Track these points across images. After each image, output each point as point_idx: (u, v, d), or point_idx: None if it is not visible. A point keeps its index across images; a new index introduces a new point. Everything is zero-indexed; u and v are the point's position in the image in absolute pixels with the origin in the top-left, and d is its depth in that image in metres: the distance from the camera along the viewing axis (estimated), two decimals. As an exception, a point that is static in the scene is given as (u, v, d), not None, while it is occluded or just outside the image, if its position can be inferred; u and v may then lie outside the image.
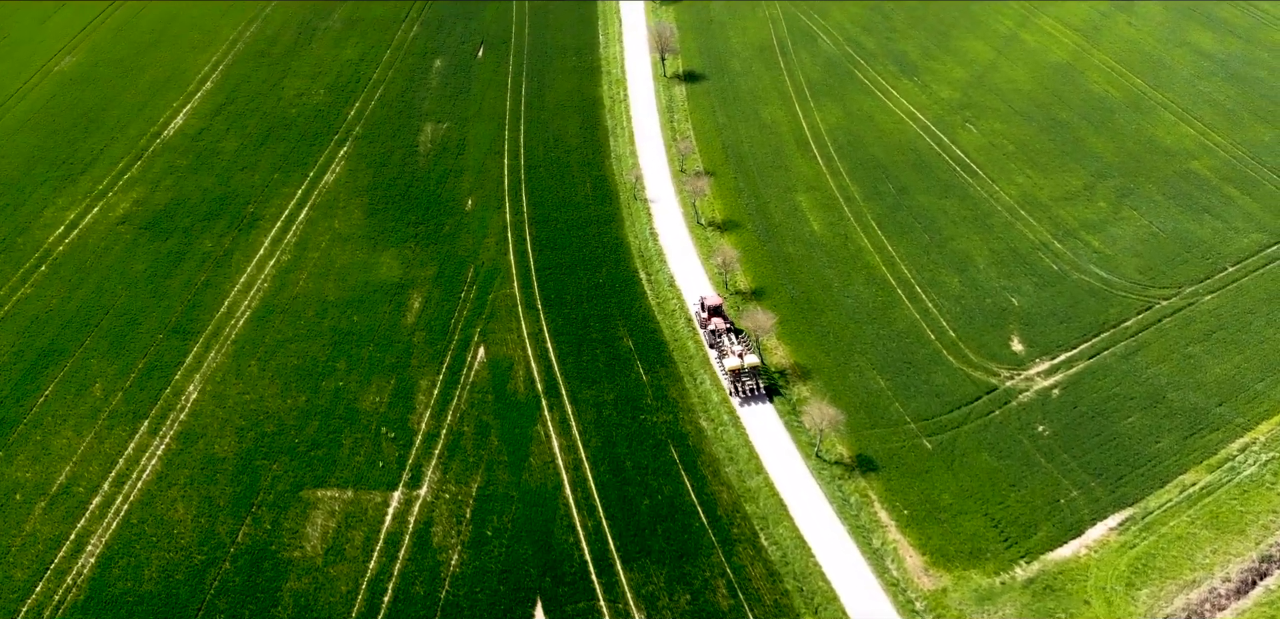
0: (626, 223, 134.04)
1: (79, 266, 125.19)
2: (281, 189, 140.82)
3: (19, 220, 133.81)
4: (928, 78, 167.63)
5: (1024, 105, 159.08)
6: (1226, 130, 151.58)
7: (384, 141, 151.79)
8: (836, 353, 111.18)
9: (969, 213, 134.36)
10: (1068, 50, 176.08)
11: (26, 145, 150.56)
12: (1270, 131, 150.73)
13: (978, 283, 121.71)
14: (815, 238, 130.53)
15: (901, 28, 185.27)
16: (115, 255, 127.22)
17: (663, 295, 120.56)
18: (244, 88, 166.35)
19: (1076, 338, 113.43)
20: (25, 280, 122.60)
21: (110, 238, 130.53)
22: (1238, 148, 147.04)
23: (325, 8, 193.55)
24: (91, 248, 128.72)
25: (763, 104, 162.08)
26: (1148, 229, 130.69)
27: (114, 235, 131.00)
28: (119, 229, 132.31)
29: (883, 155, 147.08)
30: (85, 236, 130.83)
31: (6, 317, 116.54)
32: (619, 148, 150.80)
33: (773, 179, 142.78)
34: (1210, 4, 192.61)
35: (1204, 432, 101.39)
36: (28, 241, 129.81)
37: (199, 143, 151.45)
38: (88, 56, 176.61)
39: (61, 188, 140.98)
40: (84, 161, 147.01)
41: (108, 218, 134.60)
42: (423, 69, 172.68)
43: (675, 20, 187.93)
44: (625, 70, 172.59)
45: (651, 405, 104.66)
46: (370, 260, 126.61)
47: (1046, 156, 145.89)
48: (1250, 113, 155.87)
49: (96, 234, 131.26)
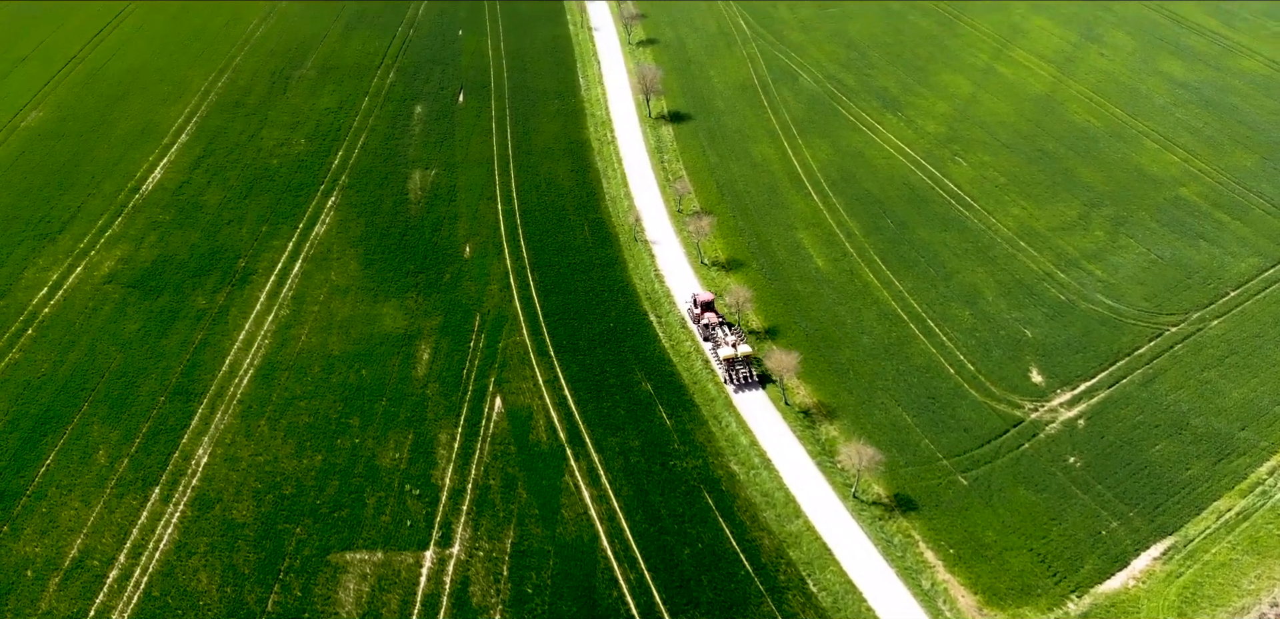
0: (630, 265, 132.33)
1: (67, 328, 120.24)
2: (271, 242, 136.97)
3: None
4: (911, 112, 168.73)
5: (1010, 137, 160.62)
6: (1209, 157, 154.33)
7: (372, 190, 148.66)
8: (859, 391, 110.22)
9: (970, 245, 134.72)
10: (1045, 82, 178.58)
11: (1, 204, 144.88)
12: (1251, 157, 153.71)
13: (989, 315, 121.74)
14: (821, 274, 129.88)
15: (879, 64, 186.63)
16: (105, 316, 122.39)
17: (676, 337, 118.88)
18: (221, 139, 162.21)
19: (1093, 367, 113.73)
20: (12, 345, 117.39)
21: (98, 298, 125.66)
22: (1222, 174, 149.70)
23: (296, 57, 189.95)
24: (79, 309, 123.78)
25: (751, 142, 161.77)
26: (1147, 256, 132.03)
27: (101, 295, 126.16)
28: (106, 288, 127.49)
29: (877, 190, 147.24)
30: (71, 297, 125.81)
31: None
32: (613, 189, 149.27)
33: (771, 217, 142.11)
34: (1176, 32, 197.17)
35: (1231, 457, 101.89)
36: (10, 304, 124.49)
37: (180, 197, 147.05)
38: (55, 112, 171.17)
39: (40, 247, 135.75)
40: (61, 219, 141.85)
41: (93, 277, 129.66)
42: (404, 115, 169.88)
43: (654, 60, 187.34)
44: (610, 112, 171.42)
45: (680, 451, 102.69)
46: (372, 312, 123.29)
47: (1038, 187, 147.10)
48: (1229, 139, 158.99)
49: (82, 294, 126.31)
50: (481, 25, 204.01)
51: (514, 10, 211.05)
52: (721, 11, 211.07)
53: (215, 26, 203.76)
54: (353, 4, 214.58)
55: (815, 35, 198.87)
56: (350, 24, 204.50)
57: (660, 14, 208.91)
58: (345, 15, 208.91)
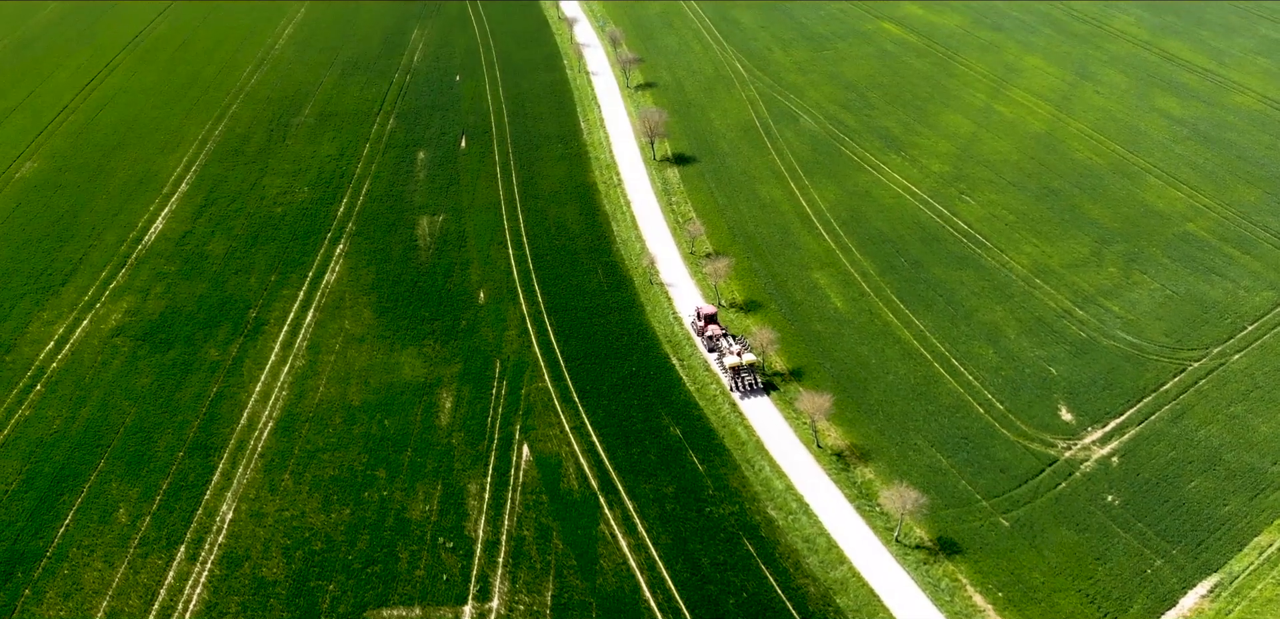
0: (647, 309, 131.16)
1: (77, 384, 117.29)
2: (281, 291, 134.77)
3: (3, 338, 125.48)
4: (914, 152, 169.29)
5: (1014, 175, 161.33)
6: (1212, 192, 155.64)
7: (381, 237, 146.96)
8: (891, 433, 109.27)
9: (986, 284, 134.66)
10: (1044, 120, 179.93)
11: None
12: (1254, 191, 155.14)
13: (1012, 353, 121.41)
14: (840, 315, 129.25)
15: (878, 105, 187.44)
16: (115, 370, 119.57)
17: (700, 380, 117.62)
18: (222, 188, 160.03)
19: (1121, 404, 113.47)
20: (22, 402, 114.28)
21: (107, 351, 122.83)
22: (1227, 209, 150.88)
23: (293, 105, 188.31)
24: (88, 363, 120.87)
25: (758, 183, 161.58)
26: (1162, 293, 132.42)
27: (110, 349, 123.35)
28: (114, 342, 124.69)
29: (888, 229, 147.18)
30: (79, 351, 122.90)
31: (8, 442, 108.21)
32: (623, 232, 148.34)
33: (785, 258, 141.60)
34: (1169, 70, 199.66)
35: (1267, 491, 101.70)
36: (17, 360, 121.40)
37: (185, 247, 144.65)
38: (50, 162, 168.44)
39: (44, 300, 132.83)
40: (63, 272, 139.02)
41: (100, 330, 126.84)
42: (407, 162, 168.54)
43: (654, 103, 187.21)
44: (614, 155, 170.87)
45: (715, 497, 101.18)
46: (390, 361, 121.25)
47: (1048, 225, 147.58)
48: (1231, 174, 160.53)
49: (91, 348, 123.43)
50: (478, 71, 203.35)
51: (510, 56, 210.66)
52: (717, 55, 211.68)
53: (207, 75, 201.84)
54: (346, 51, 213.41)
55: (812, 77, 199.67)
56: (345, 71, 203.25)
57: (657, 58, 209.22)
58: (339, 62, 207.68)
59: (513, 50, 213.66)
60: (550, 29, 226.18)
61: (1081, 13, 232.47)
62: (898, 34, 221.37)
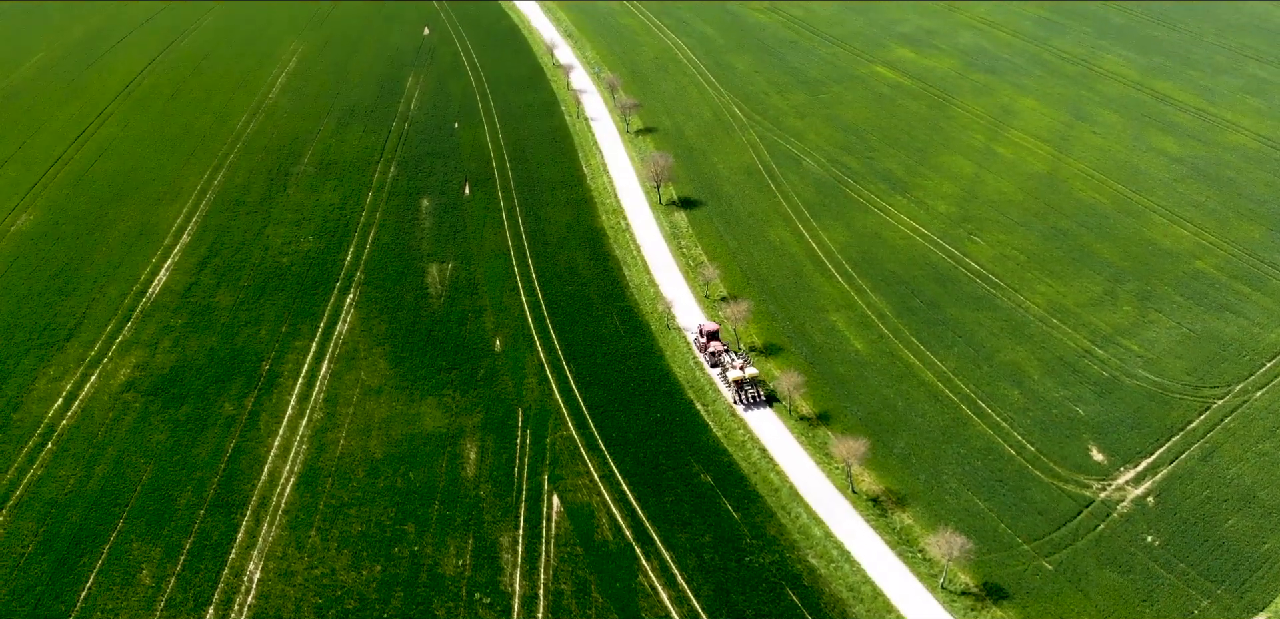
0: (667, 354, 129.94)
1: (90, 441, 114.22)
2: (293, 343, 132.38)
3: (9, 395, 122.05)
4: (919, 193, 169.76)
5: (1021, 215, 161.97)
6: (1217, 230, 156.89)
7: (390, 286, 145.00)
8: (925, 476, 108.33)
9: (1003, 324, 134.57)
10: (1044, 161, 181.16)
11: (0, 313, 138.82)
12: (1258, 229, 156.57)
13: (1037, 394, 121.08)
14: (862, 357, 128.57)
15: (879, 148, 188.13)
16: (127, 426, 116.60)
17: (727, 426, 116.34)
18: (225, 239, 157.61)
19: (1150, 443, 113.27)
20: (32, 461, 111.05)
21: (117, 408, 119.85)
22: (1233, 246, 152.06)
23: (292, 154, 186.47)
24: (98, 420, 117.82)
25: (767, 226, 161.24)
26: (1178, 331, 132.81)
27: (121, 405, 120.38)
28: (125, 397, 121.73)
29: (901, 271, 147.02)
30: (89, 408, 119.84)
31: (22, 503, 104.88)
32: (635, 277, 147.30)
33: (801, 300, 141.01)
34: (1162, 109, 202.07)
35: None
36: (26, 417, 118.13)
37: (191, 300, 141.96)
38: (46, 214, 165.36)
39: (49, 356, 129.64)
40: (67, 326, 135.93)
41: (109, 386, 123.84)
42: (412, 209, 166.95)
43: (655, 148, 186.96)
44: (620, 201, 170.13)
45: (753, 546, 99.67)
46: (410, 411, 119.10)
47: (1059, 265, 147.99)
48: (1233, 212, 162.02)
49: (101, 405, 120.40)
50: (477, 118, 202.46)
51: (507, 102, 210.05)
52: (714, 100, 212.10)
53: (202, 125, 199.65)
54: (342, 100, 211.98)
55: (811, 121, 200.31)
56: (342, 119, 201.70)
57: (655, 103, 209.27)
58: (335, 111, 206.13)
59: (510, 96, 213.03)
60: (546, 76, 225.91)
61: (1070, 55, 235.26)
62: (892, 77, 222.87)
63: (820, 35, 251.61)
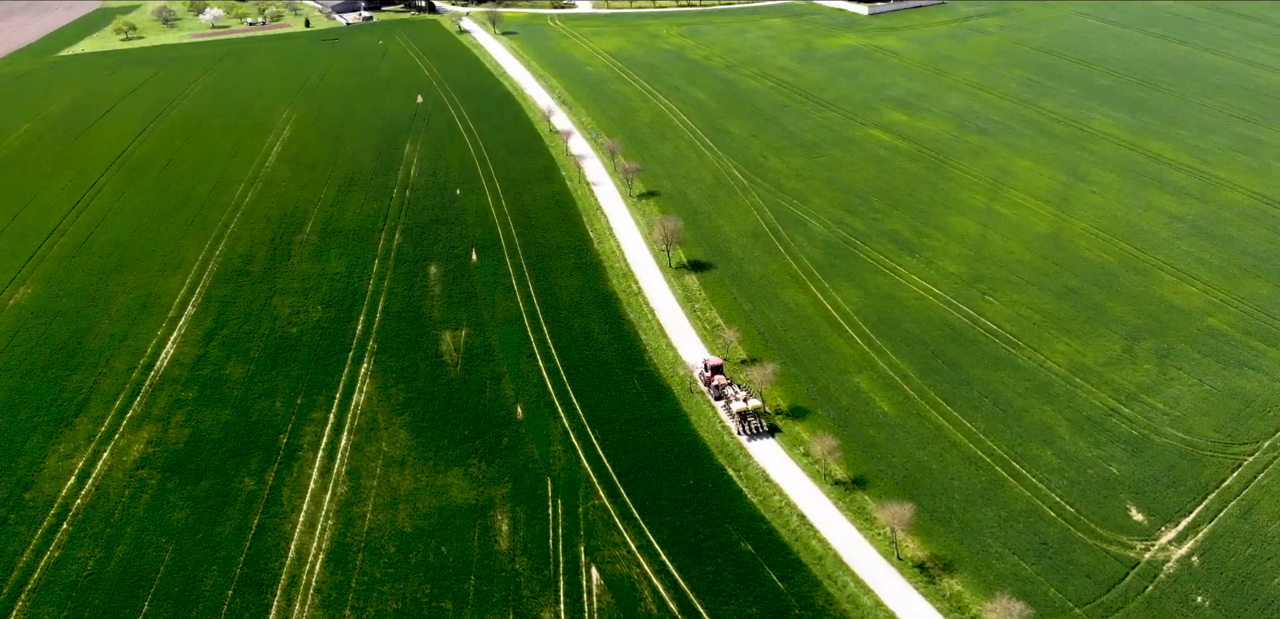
0: (692, 418, 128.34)
1: (106, 521, 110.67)
2: (310, 415, 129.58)
3: (20, 474, 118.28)
4: (928, 254, 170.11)
5: (1031, 275, 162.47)
6: (1225, 287, 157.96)
7: (405, 354, 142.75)
8: (968, 540, 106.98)
9: (1027, 384, 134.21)
10: (1047, 221, 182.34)
11: (3, 389, 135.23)
12: (1265, 285, 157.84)
13: (1070, 454, 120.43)
14: (890, 419, 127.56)
15: (882, 208, 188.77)
16: (145, 505, 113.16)
17: (763, 493, 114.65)
18: (232, 310, 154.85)
19: (1188, 502, 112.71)
20: (49, 542, 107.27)
21: (133, 485, 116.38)
22: (1243, 303, 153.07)
23: (293, 223, 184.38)
24: (114, 498, 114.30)
25: (779, 288, 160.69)
26: (1200, 388, 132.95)
27: (137, 482, 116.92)
28: (140, 474, 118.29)
29: (919, 332, 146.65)
30: (103, 486, 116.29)
31: (40, 586, 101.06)
32: (652, 341, 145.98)
33: (822, 362, 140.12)
34: (1157, 168, 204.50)
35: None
36: (38, 497, 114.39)
37: (201, 372, 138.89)
38: (45, 286, 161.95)
39: (58, 433, 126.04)
40: (75, 402, 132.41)
41: (123, 462, 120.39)
42: (420, 277, 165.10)
43: (659, 211, 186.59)
44: (630, 264, 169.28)
45: (803, 617, 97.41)
46: (436, 483, 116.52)
47: (1075, 323, 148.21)
48: (1238, 269, 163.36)
49: (115, 482, 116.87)
50: (478, 185, 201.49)
51: (507, 168, 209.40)
52: (713, 163, 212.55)
53: (200, 195, 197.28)
54: (340, 167, 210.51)
55: (811, 183, 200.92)
56: (342, 188, 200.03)
57: (656, 167, 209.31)
58: (335, 178, 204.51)
59: (509, 162, 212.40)
60: (543, 141, 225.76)
61: (1060, 116, 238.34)
62: (887, 140, 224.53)
63: (811, 100, 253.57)
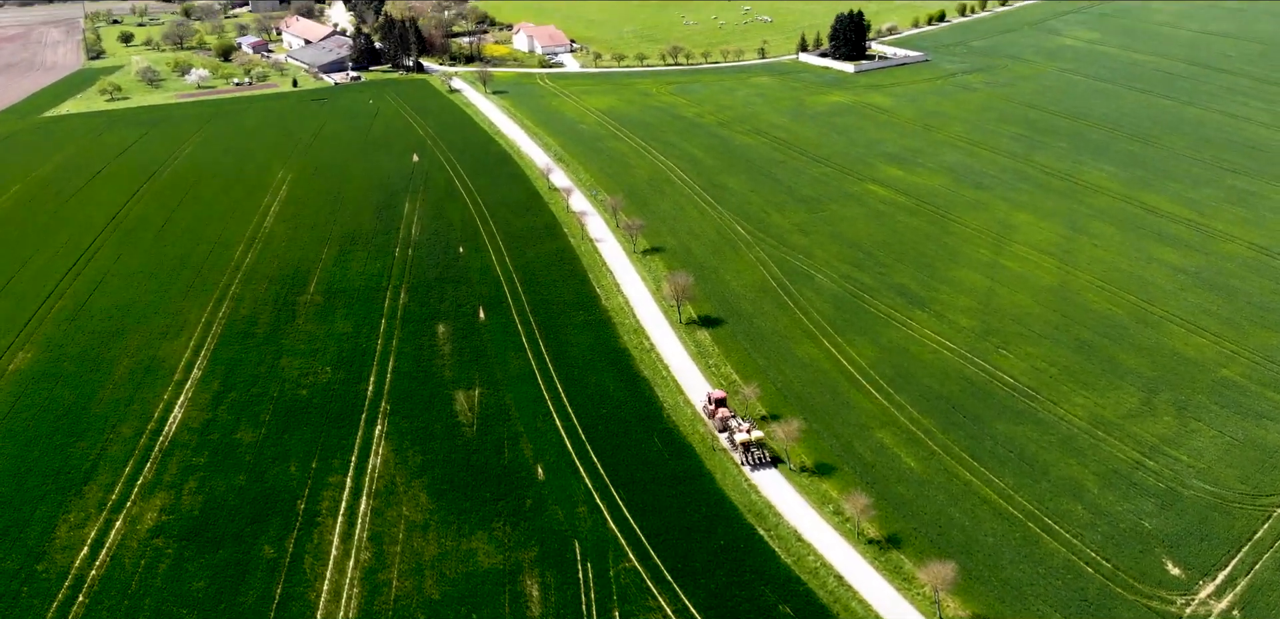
0: (717, 476, 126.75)
1: (123, 592, 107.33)
2: (326, 479, 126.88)
3: (30, 545, 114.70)
4: (938, 307, 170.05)
5: (1042, 328, 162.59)
6: (1234, 338, 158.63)
7: (419, 415, 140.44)
8: (1010, 600, 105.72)
9: (1051, 438, 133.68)
10: (1052, 274, 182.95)
11: (8, 458, 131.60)
12: (1274, 336, 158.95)
13: (1100, 508, 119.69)
14: (917, 476, 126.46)
15: (888, 262, 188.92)
16: (163, 575, 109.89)
17: (796, 553, 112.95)
18: (239, 373, 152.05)
19: (1222, 555, 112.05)
20: (65, 616, 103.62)
21: (149, 555, 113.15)
22: (1254, 354, 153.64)
23: (295, 283, 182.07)
24: (130, 569, 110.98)
25: (792, 343, 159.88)
26: (1222, 440, 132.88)
27: (153, 552, 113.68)
28: (155, 543, 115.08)
29: (937, 385, 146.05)
30: (118, 556, 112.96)
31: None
32: (669, 398, 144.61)
33: (843, 418, 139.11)
34: (1155, 221, 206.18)
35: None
36: (51, 569, 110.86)
37: (210, 437, 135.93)
38: (45, 351, 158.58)
39: (67, 502, 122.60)
40: (82, 469, 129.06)
41: (137, 531, 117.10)
42: (428, 336, 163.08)
43: (665, 267, 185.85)
44: (640, 320, 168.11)
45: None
46: (462, 548, 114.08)
47: (1091, 376, 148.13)
48: (1246, 320, 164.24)
49: (130, 552, 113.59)
50: (480, 243, 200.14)
51: (509, 226, 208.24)
52: (714, 218, 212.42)
53: (199, 256, 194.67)
54: (340, 227, 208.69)
55: (815, 237, 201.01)
56: (343, 247, 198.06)
57: (658, 223, 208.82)
58: (335, 238, 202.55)
59: (510, 220, 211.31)
60: (542, 199, 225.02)
61: (1054, 170, 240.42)
62: (886, 195, 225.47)
63: (806, 155, 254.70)
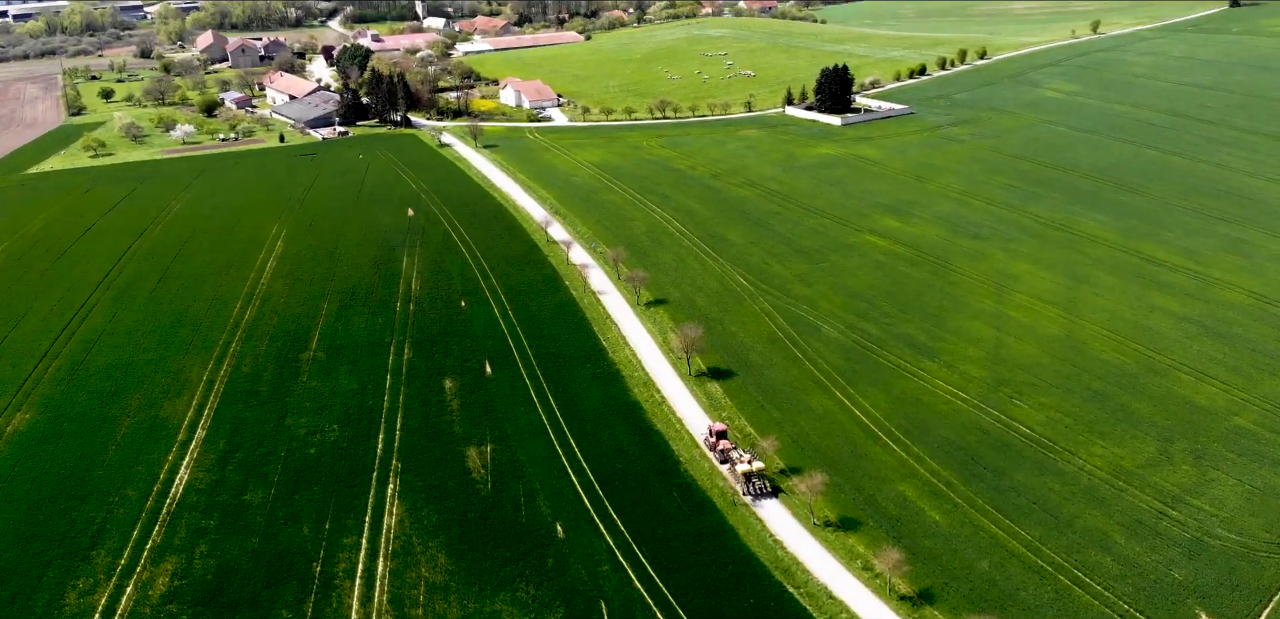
0: (741, 532, 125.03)
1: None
2: (341, 541, 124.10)
3: (39, 613, 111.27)
4: (948, 357, 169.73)
5: (1053, 378, 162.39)
6: (1243, 386, 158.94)
7: (431, 473, 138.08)
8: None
9: (1071, 489, 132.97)
10: (1058, 324, 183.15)
11: (11, 522, 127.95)
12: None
13: (1129, 560, 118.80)
14: (944, 530, 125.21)
15: (893, 313, 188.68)
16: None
17: (829, 610, 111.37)
18: (245, 432, 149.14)
19: (1254, 605, 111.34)
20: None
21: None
22: (1264, 402, 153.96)
23: (297, 340, 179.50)
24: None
25: (804, 394, 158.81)
26: (1242, 488, 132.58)
27: (166, 618, 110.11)
28: (169, 609, 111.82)
29: (954, 437, 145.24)
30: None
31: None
32: (685, 452, 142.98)
33: (862, 471, 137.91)
34: (1153, 270, 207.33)
35: None
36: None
37: (219, 498, 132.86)
38: (44, 412, 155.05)
39: (74, 567, 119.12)
40: (89, 533, 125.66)
41: (149, 597, 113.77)
42: (435, 391, 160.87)
43: (670, 319, 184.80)
44: (649, 373, 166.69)
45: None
46: (485, 611, 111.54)
47: (1106, 426, 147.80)
48: (1253, 368, 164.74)
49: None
50: (481, 296, 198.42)
51: (509, 280, 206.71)
52: (716, 270, 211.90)
53: (196, 313, 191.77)
54: (338, 282, 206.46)
55: (818, 288, 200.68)
56: (344, 302, 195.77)
57: (660, 275, 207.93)
58: (334, 293, 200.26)
59: (510, 273, 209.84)
60: (541, 251, 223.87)
61: (1049, 220, 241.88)
62: (884, 245, 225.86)
63: (802, 207, 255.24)
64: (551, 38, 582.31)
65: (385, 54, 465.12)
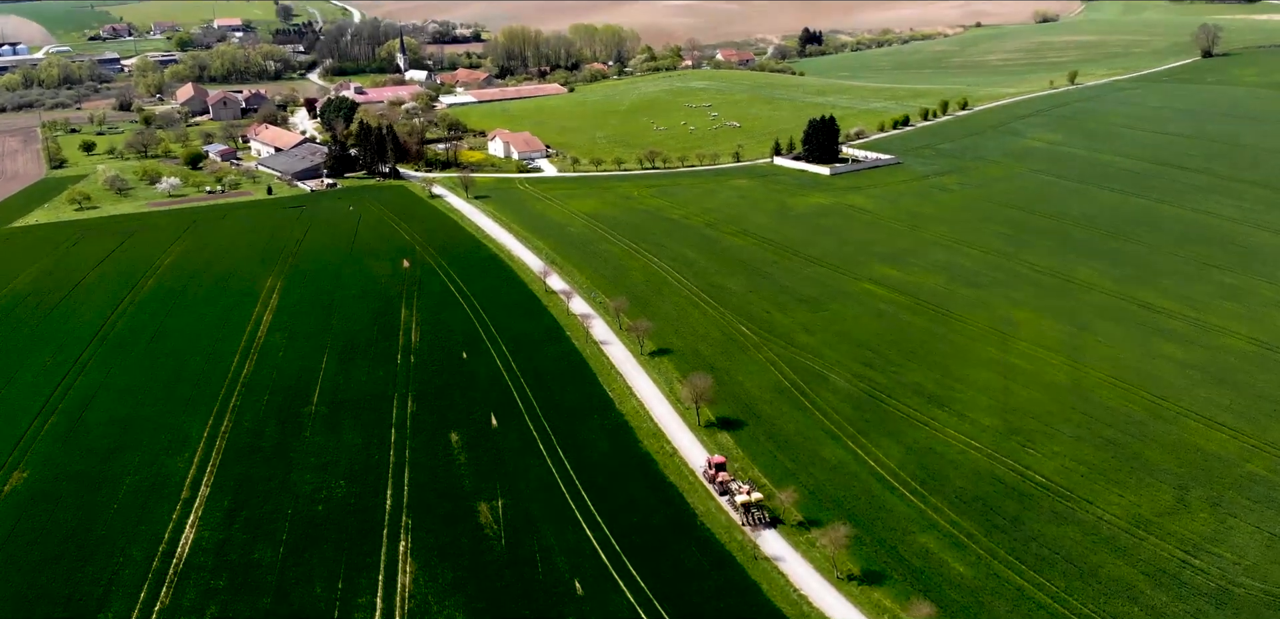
0: (764, 587, 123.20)
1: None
2: (356, 601, 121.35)
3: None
4: (958, 406, 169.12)
5: (1065, 426, 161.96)
6: (1253, 432, 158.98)
7: (444, 529, 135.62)
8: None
9: (1092, 539, 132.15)
10: (1064, 372, 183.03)
11: (12, 586, 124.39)
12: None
13: (1157, 610, 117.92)
14: (968, 582, 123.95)
15: (898, 361, 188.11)
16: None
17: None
18: (250, 489, 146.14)
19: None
20: None
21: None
22: (1274, 448, 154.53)
23: (298, 394, 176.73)
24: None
25: (817, 445, 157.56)
26: (1260, 535, 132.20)
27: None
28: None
29: (970, 487, 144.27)
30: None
31: None
32: (701, 505, 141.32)
33: (882, 522, 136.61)
34: (1153, 318, 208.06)
35: None
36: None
37: (227, 558, 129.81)
38: (41, 471, 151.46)
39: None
40: (93, 595, 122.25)
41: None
42: (442, 445, 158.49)
43: (675, 369, 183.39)
44: (659, 424, 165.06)
45: None
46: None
47: (1121, 475, 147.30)
48: (1259, 414, 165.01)
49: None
50: (483, 348, 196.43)
51: (510, 331, 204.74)
52: (717, 319, 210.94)
53: (194, 368, 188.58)
54: (337, 334, 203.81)
55: (822, 337, 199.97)
56: (344, 356, 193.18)
57: (662, 325, 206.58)
58: (333, 346, 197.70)
59: (511, 324, 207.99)
60: (541, 302, 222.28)
61: (1045, 268, 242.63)
62: (884, 294, 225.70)
63: (798, 256, 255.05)
64: (535, 90, 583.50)
65: (370, 106, 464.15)
